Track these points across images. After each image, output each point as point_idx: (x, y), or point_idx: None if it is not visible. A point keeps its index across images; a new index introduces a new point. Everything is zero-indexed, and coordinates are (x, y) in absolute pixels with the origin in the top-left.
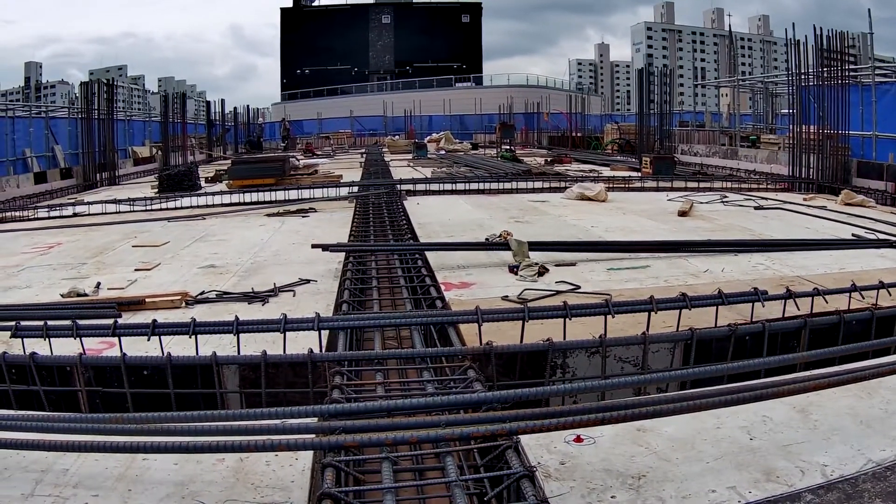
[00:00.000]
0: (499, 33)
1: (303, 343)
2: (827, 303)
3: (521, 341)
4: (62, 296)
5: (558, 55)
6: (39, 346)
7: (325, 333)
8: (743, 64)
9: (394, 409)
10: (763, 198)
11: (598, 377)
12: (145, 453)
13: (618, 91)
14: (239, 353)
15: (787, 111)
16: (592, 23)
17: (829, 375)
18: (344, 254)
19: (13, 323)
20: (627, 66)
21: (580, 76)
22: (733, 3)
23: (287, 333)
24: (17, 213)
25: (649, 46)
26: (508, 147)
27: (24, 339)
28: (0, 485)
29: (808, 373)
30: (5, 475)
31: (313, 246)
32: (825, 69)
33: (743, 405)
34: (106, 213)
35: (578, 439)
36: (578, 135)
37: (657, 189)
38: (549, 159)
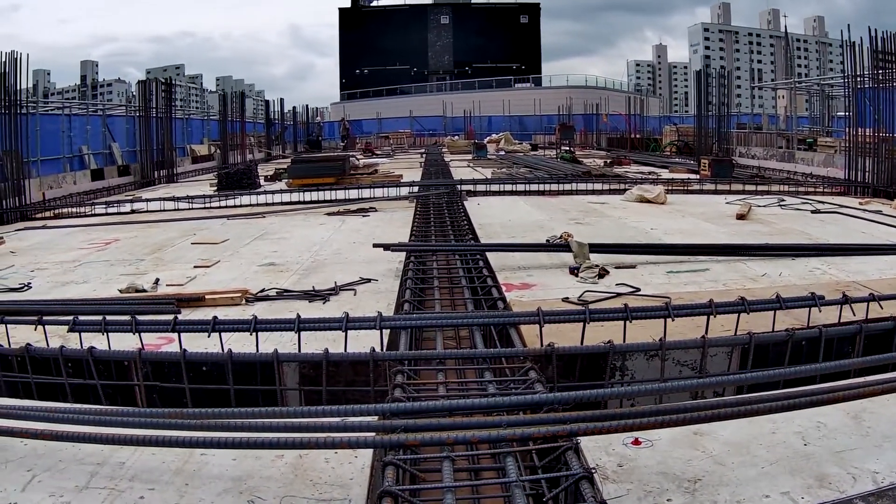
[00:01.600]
0: (557, 34)
1: (363, 342)
2: (882, 308)
3: (582, 343)
4: (120, 291)
5: (617, 56)
6: (97, 341)
7: (385, 332)
8: (799, 66)
9: (455, 408)
10: (819, 201)
11: (657, 380)
12: (204, 448)
13: (676, 92)
14: (300, 350)
15: (842, 114)
16: (651, 23)
17: (883, 382)
18: (405, 253)
19: (71, 317)
20: (685, 68)
21: (638, 77)
22: (789, 4)
23: (347, 332)
24: (74, 210)
25: (706, 48)
26: (568, 148)
27: (82, 334)
28: (55, 476)
29: (862, 379)
30: (60, 467)
31: (374, 245)
32: (880, 71)
33: (798, 410)
34: (164, 211)
35: (636, 442)
36: (637, 136)
37: (715, 192)
38: (608, 161)
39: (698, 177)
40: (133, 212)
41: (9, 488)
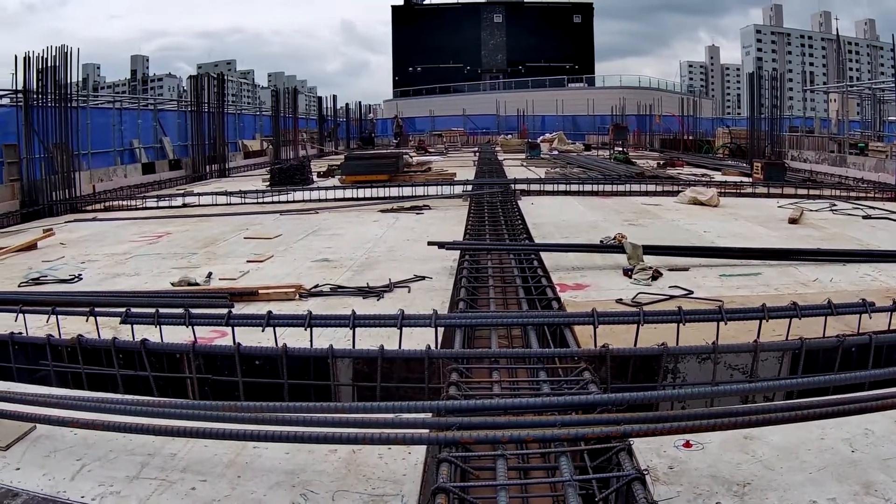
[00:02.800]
0: (610, 34)
1: (417, 339)
2: None
3: (635, 345)
4: (172, 284)
5: (670, 57)
6: (148, 333)
7: (440, 330)
8: (850, 69)
9: (510, 407)
10: (871, 207)
11: (709, 383)
12: (258, 441)
13: (728, 94)
14: (354, 346)
15: (894, 118)
16: (704, 24)
17: None
18: (459, 251)
19: (123, 309)
20: (737, 69)
21: (691, 78)
22: (841, 6)
23: (402, 329)
24: (125, 202)
25: (759, 49)
26: (621, 149)
27: (134, 326)
28: (105, 466)
29: None
30: (110, 457)
31: (429, 243)
32: None
33: (847, 417)
34: (216, 205)
35: (688, 444)
36: (690, 138)
37: (768, 195)
38: (661, 162)
39: (751, 180)
40: (185, 206)
41: (57, 477)
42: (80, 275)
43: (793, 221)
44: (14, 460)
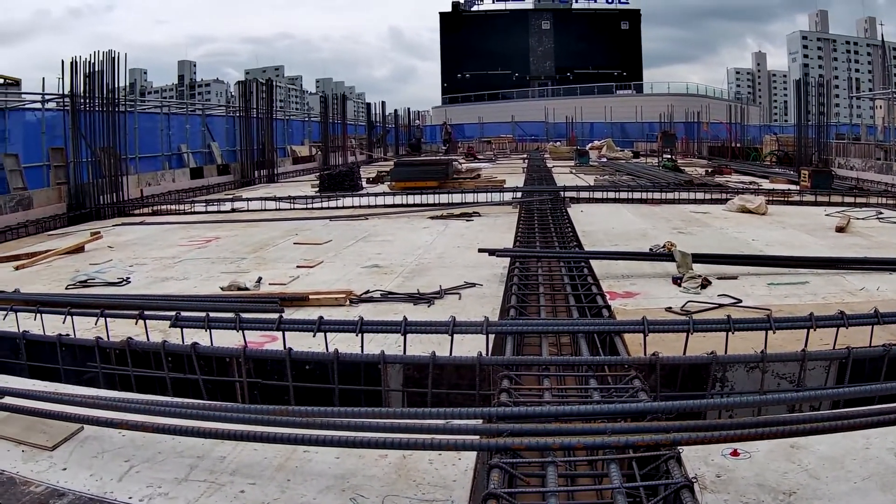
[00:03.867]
0: (658, 40)
1: (467, 346)
2: None
3: (685, 353)
4: (222, 289)
5: (717, 63)
6: (197, 337)
7: (490, 337)
8: None
9: (561, 414)
10: None
11: (756, 392)
12: (309, 445)
13: (775, 101)
14: (405, 352)
15: None
16: (751, 31)
17: None
18: (509, 259)
19: (173, 313)
20: (784, 76)
21: (738, 85)
22: (886, 11)
23: (453, 336)
24: (173, 207)
25: (805, 56)
26: (670, 156)
27: (183, 329)
28: (153, 468)
29: None
30: (158, 459)
31: (480, 250)
32: None
33: (892, 426)
34: (265, 210)
35: (735, 453)
36: (738, 145)
37: (815, 203)
38: (709, 170)
39: (798, 187)
40: (233, 210)
41: (105, 477)
42: (129, 278)
43: (840, 230)
44: (60, 460)
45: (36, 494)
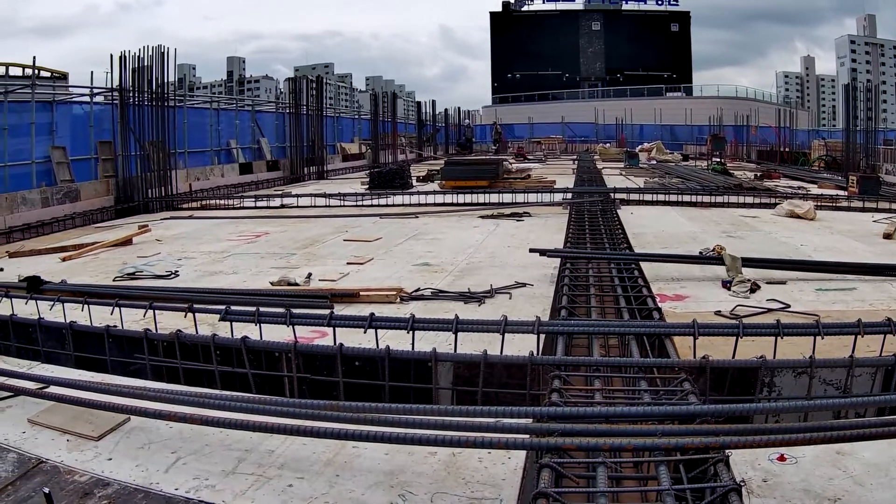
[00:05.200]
0: (708, 42)
1: (517, 345)
2: None
3: (734, 357)
4: (272, 284)
5: (766, 67)
6: (247, 330)
7: (541, 337)
8: None
9: (612, 415)
10: None
11: (804, 397)
12: (358, 441)
13: (823, 105)
14: (455, 350)
15: None
16: (801, 34)
17: None
18: (559, 259)
19: (223, 307)
20: (832, 80)
21: (787, 89)
22: None
23: (497, 334)
24: (222, 201)
25: (853, 60)
26: (719, 160)
27: (233, 323)
28: (200, 460)
29: None
30: (206, 451)
31: (531, 250)
32: None
33: None
34: (315, 207)
35: (782, 458)
36: (786, 150)
37: (863, 209)
38: (758, 174)
39: (846, 193)
40: (283, 206)
41: (151, 469)
42: (177, 271)
43: (887, 237)
44: (106, 450)
45: (80, 483)
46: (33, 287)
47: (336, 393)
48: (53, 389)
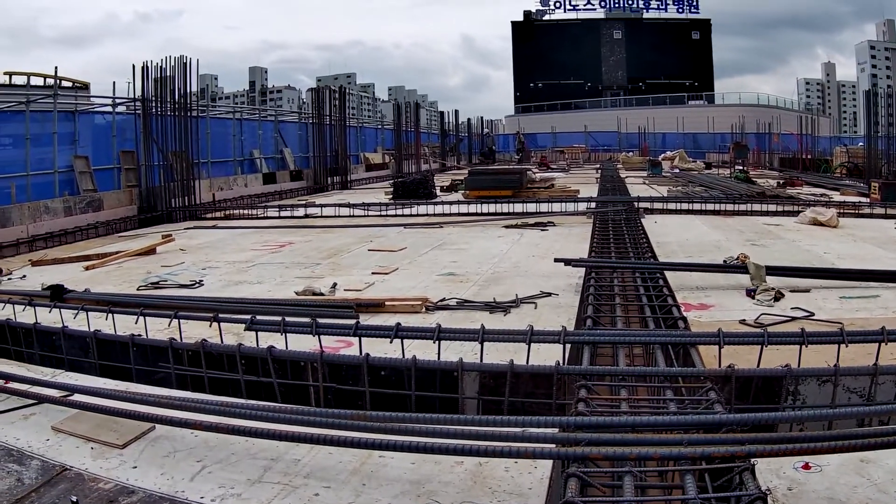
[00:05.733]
0: (729, 50)
1: (543, 355)
2: None
3: (758, 365)
4: (296, 293)
5: (787, 73)
6: (272, 340)
7: (566, 346)
8: None
9: (638, 424)
10: None
11: (828, 406)
12: (385, 450)
13: (844, 112)
14: (481, 360)
15: None
16: (822, 40)
17: None
18: (584, 269)
19: (248, 316)
20: (853, 86)
21: (808, 96)
22: None
23: (521, 344)
24: (246, 211)
25: (873, 66)
26: (742, 167)
27: (258, 333)
28: (226, 469)
29: None
30: (231, 460)
31: (556, 260)
32: None
33: None
34: (339, 217)
35: (806, 466)
36: (808, 157)
37: (885, 216)
38: (780, 181)
39: (868, 200)
40: (307, 216)
41: (176, 477)
42: (201, 281)
43: None
44: (131, 458)
45: (105, 491)
46: (56, 295)
47: (361, 402)
48: (78, 397)
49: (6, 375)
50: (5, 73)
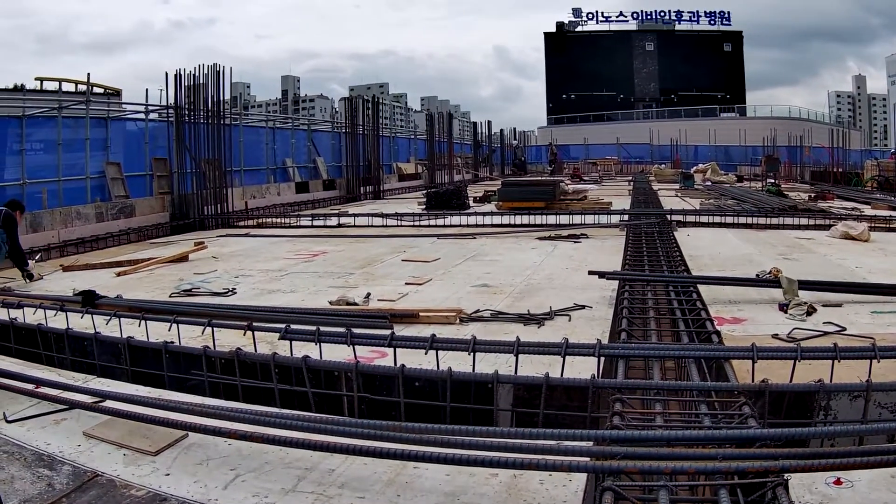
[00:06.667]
0: (760, 62)
1: (577, 368)
2: None
3: (791, 380)
4: (330, 303)
5: (818, 86)
6: (306, 349)
7: (601, 359)
8: None
9: (673, 439)
10: None
11: (860, 421)
12: (419, 461)
13: (875, 124)
14: (516, 372)
15: None
16: (852, 53)
17: None
18: (618, 281)
19: (282, 325)
20: (884, 99)
21: (839, 108)
22: None
23: (553, 356)
24: (279, 220)
25: None
26: (773, 181)
27: (293, 342)
28: (259, 478)
29: None
30: (265, 469)
31: (590, 272)
32: None
33: None
34: (372, 226)
35: (838, 482)
36: (839, 170)
37: None
38: (812, 195)
39: None
40: (340, 225)
41: (210, 485)
42: (234, 289)
43: None
44: (163, 466)
45: (136, 498)
46: (88, 301)
47: (395, 413)
48: (109, 403)
49: (37, 380)
50: (36, 79)
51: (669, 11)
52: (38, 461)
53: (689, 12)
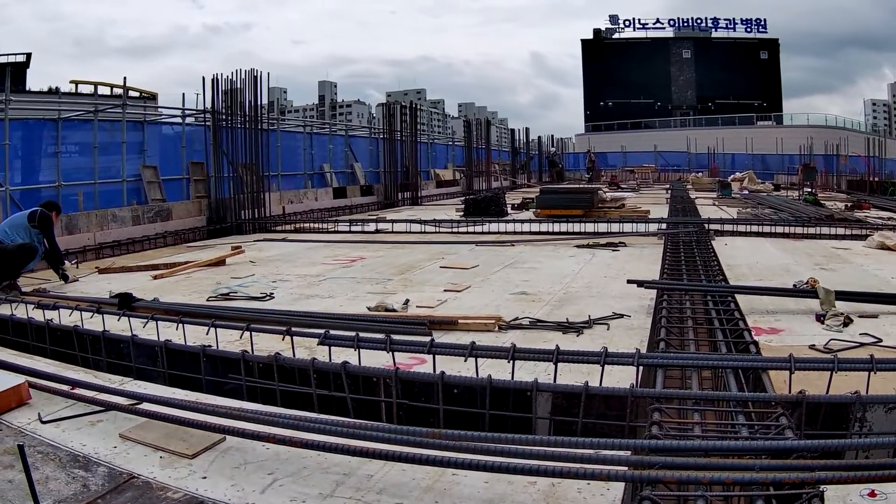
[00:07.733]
0: (796, 70)
1: (616, 377)
2: None
3: (828, 391)
4: (369, 309)
5: (854, 94)
6: (344, 355)
7: (640, 369)
8: None
9: (711, 449)
10: None
11: (894, 433)
12: (457, 468)
13: None
14: (555, 381)
15: None
16: (889, 60)
17: None
18: (656, 290)
19: (321, 331)
20: None
21: (875, 116)
22: None
23: (591, 365)
24: (316, 225)
25: None
26: (811, 190)
27: (331, 348)
28: (297, 482)
29: None
30: (303, 474)
31: (629, 281)
32: None
33: None
34: (410, 233)
35: (872, 494)
36: (875, 179)
37: None
38: (849, 204)
39: None
40: (378, 231)
41: (247, 489)
42: (272, 293)
43: None
44: (200, 469)
45: (173, 500)
46: (125, 304)
47: (433, 420)
48: (146, 406)
49: (73, 381)
50: (71, 82)
51: (706, 19)
52: (73, 462)
53: (725, 20)
